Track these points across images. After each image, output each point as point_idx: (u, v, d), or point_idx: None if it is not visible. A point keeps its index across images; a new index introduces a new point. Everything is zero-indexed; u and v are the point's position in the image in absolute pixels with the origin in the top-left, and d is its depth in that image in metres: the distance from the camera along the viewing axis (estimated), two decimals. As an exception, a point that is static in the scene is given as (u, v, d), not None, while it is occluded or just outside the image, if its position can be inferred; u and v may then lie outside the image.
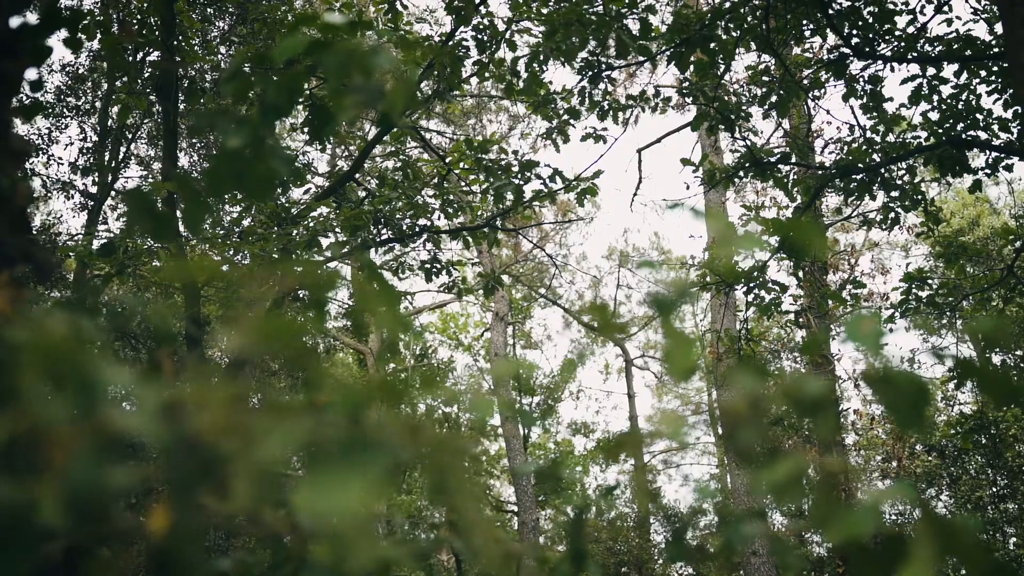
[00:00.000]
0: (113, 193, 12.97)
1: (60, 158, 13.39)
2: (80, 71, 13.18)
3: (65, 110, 13.53)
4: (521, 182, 9.11)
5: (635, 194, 15.36)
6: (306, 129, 10.13)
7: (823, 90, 9.46)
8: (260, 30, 9.27)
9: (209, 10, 12.74)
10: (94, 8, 10.44)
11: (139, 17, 9.23)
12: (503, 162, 9.37)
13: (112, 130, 13.25)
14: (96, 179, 13.32)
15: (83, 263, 10.64)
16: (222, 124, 1.80)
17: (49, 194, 13.47)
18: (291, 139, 17.07)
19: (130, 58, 10.45)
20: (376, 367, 23.13)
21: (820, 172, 9.06)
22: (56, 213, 16.84)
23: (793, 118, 11.47)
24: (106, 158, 13.37)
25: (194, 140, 13.05)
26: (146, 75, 10.07)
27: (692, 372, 1.28)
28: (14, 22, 2.35)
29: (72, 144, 13.27)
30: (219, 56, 11.85)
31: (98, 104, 13.49)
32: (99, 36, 8.73)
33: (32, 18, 2.48)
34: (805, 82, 9.23)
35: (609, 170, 26.58)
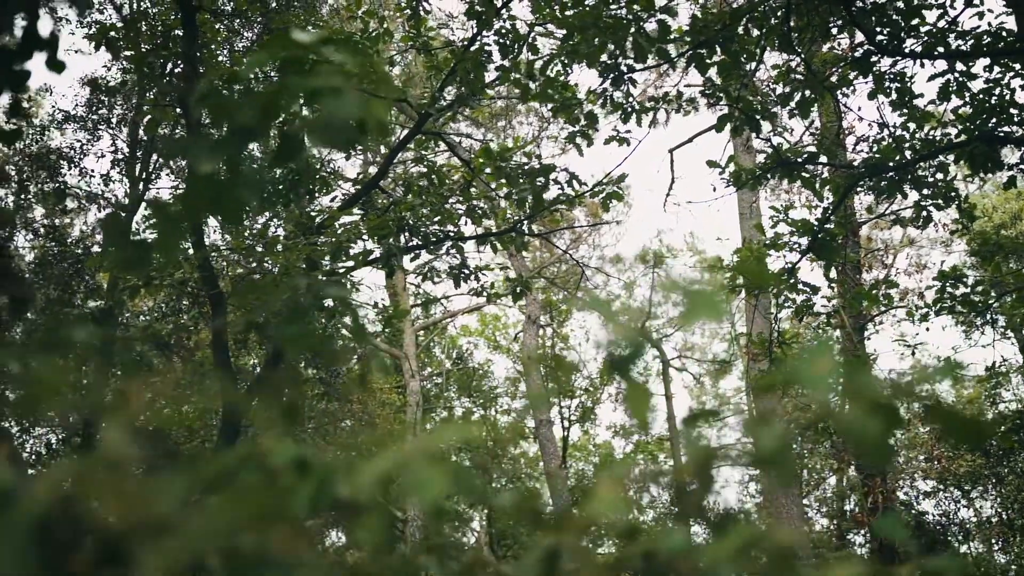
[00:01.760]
0: (144, 204, 13.12)
1: (92, 170, 13.54)
2: (110, 84, 13.33)
3: (99, 123, 13.69)
4: (540, 186, 9.05)
5: (668, 194, 15.25)
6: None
7: (851, 88, 9.30)
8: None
9: (236, 22, 12.82)
10: (116, 23, 10.54)
11: (162, 30, 9.30)
12: (526, 167, 9.32)
13: (143, 142, 13.39)
14: (128, 191, 13.47)
15: (114, 275, 10.75)
16: (193, 149, 1.77)
17: (83, 206, 13.64)
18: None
19: (157, 71, 10.53)
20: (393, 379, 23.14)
21: (849, 171, 8.91)
22: (92, 225, 17.03)
23: (822, 116, 11.32)
24: (137, 170, 13.51)
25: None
26: (173, 87, 10.14)
27: (650, 424, 1.22)
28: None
29: (104, 156, 13.43)
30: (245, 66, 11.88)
31: (129, 116, 13.63)
32: (124, 52, 8.83)
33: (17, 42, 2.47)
34: (833, 79, 9.08)
35: (641, 170, 26.47)
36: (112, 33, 8.97)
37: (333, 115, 1.63)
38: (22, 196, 13.43)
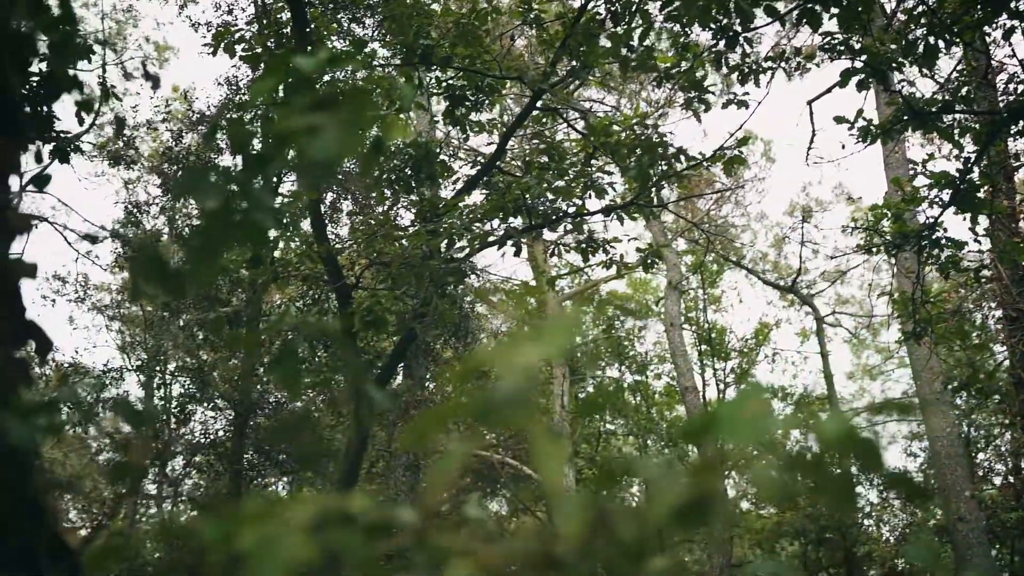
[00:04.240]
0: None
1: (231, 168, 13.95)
2: (241, 82, 13.72)
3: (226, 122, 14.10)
4: (649, 160, 8.78)
5: (810, 148, 14.62)
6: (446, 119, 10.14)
7: (996, 27, 8.61)
8: (390, 27, 9.29)
9: (356, 12, 12.92)
10: (232, 26, 10.78)
11: (277, 28, 9.46)
12: (642, 137, 9.06)
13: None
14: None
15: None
16: (198, 185, 1.72)
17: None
18: (439, 128, 17.08)
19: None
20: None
21: (991, 116, 8.28)
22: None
23: (966, 59, 10.55)
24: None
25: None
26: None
27: (560, 487, 1.09)
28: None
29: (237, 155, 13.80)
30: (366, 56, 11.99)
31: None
32: (239, 52, 9.03)
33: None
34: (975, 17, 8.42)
35: (779, 125, 25.56)
36: (228, 36, 9.18)
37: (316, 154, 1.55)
38: (168, 197, 14.04)
